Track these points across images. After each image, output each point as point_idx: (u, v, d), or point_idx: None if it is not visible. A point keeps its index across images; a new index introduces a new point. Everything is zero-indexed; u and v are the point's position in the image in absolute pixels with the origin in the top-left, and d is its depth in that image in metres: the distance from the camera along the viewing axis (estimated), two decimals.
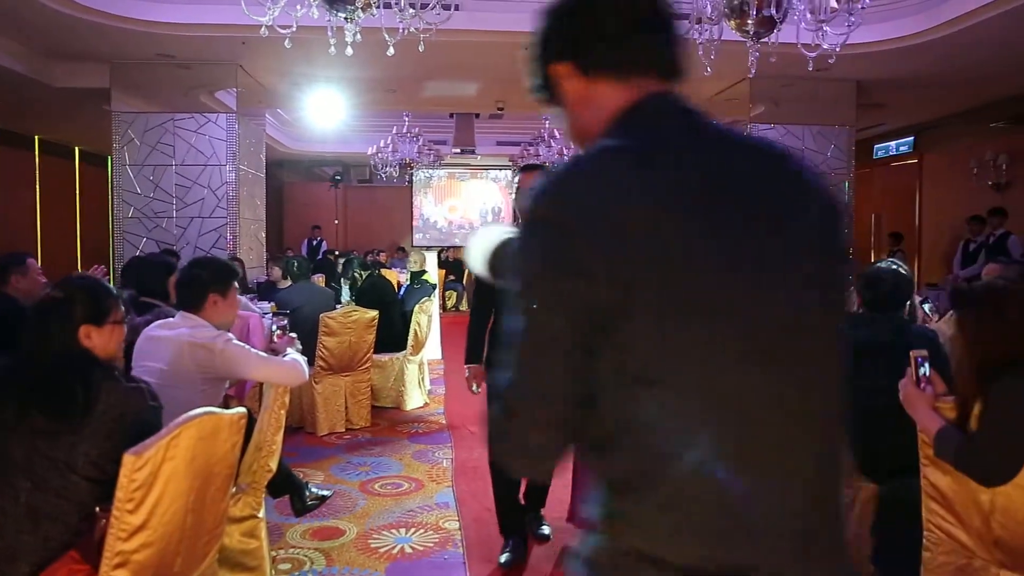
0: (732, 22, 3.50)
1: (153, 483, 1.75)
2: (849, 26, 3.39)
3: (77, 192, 11.16)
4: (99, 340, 2.02)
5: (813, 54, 3.59)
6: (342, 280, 7.10)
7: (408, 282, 7.16)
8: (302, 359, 2.81)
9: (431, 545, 3.24)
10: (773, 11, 3.32)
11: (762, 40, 3.47)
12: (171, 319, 2.77)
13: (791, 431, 0.89)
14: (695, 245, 0.85)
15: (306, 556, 3.12)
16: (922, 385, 2.22)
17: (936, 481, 2.20)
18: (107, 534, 1.73)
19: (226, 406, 2.51)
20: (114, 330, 2.07)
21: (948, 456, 2.05)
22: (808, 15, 3.44)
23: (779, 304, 0.89)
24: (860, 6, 3.31)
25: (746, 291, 0.87)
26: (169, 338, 2.60)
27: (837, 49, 3.56)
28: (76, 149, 11.16)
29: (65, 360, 1.95)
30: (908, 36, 6.42)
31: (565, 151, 11.88)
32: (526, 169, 2.94)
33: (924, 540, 2.26)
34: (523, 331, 0.88)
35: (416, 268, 7.10)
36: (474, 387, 3.11)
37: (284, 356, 2.79)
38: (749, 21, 3.40)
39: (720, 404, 0.86)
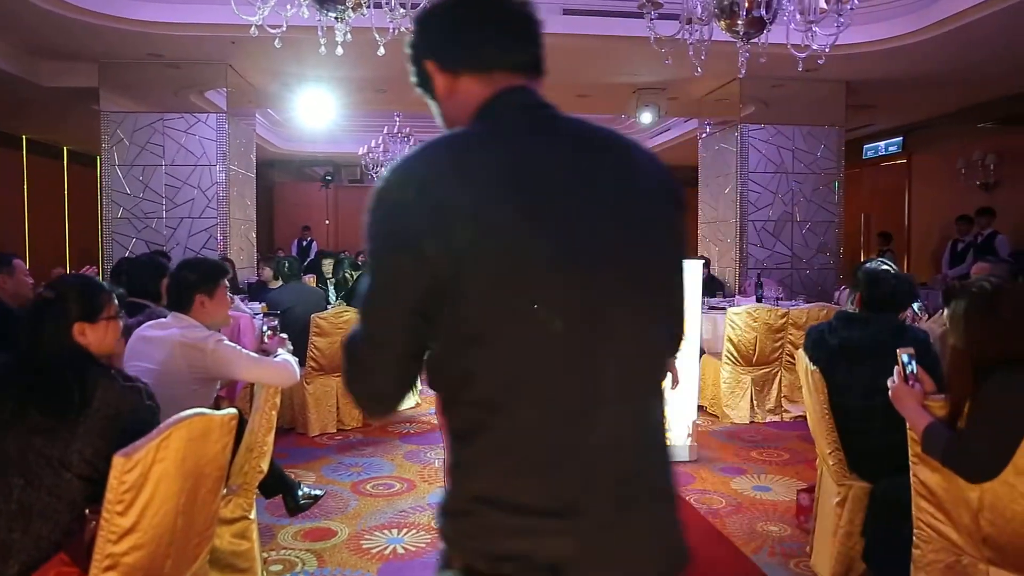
0: (722, 23, 3.52)
1: (143, 485, 1.74)
2: (838, 27, 3.41)
3: (65, 192, 11.09)
4: (94, 337, 2.03)
5: (803, 55, 3.60)
6: (328, 281, 7.09)
7: None
8: (293, 360, 2.80)
9: (423, 545, 3.23)
10: (763, 12, 3.33)
11: (752, 41, 3.49)
12: (163, 319, 2.77)
13: (606, 389, 1.01)
14: (515, 225, 0.96)
15: (298, 557, 3.11)
16: (910, 382, 2.24)
17: (926, 479, 2.21)
18: (96, 536, 1.72)
19: (217, 407, 2.51)
20: (109, 326, 2.08)
21: (935, 452, 2.07)
22: (797, 16, 3.46)
23: (594, 277, 1.00)
24: (849, 7, 3.33)
25: (561, 263, 0.98)
26: (161, 338, 2.60)
27: (826, 50, 3.58)
28: (64, 149, 11.09)
29: (61, 358, 1.95)
30: (897, 37, 6.46)
31: None
32: None
33: (914, 538, 2.27)
34: (368, 293, 1.02)
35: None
36: None
37: (275, 357, 2.78)
38: (739, 22, 3.41)
39: (541, 362, 0.98)
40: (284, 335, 3.00)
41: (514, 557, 0.97)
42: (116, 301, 2.14)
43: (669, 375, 2.57)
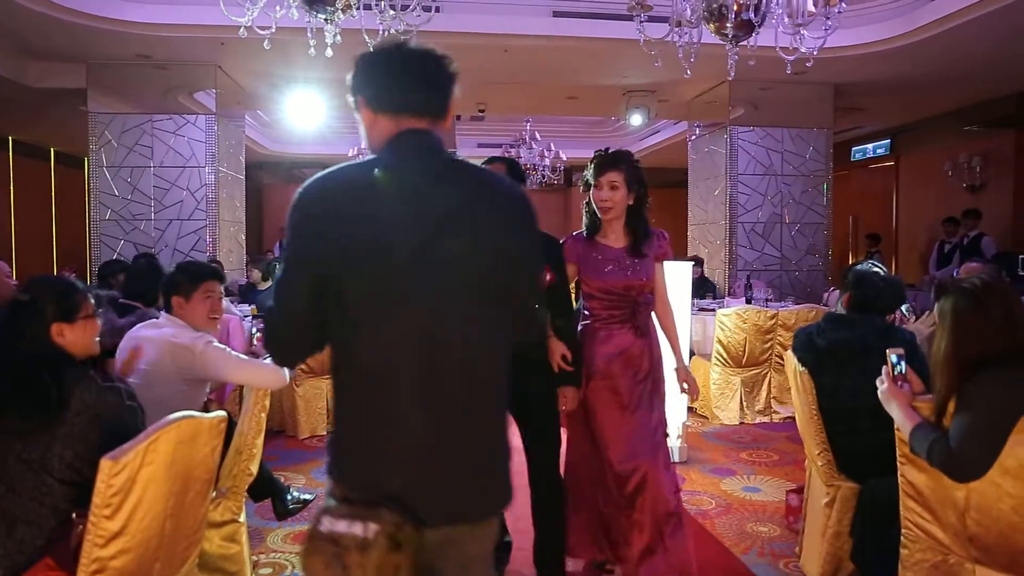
0: (711, 26, 3.53)
1: (131, 488, 1.73)
2: (826, 30, 3.43)
3: (52, 194, 11.01)
4: (72, 336, 2.02)
5: (791, 58, 3.62)
6: None
7: None
8: None
9: None
10: (752, 15, 3.35)
11: (741, 44, 3.50)
12: (156, 320, 2.77)
13: (434, 379, 1.34)
14: (372, 226, 1.31)
15: (287, 560, 3.10)
16: (899, 383, 2.25)
17: (913, 479, 2.23)
18: (84, 540, 1.71)
19: (206, 410, 2.50)
20: (87, 325, 2.07)
21: (922, 452, 2.08)
22: (786, 19, 3.48)
23: (426, 264, 1.32)
24: (836, 10, 3.35)
25: (400, 256, 1.31)
26: (152, 338, 2.60)
27: (814, 53, 3.59)
28: (52, 150, 11.01)
29: (38, 359, 1.93)
30: (884, 40, 6.52)
31: (546, 153, 11.92)
32: (490, 162, 2.73)
33: (902, 538, 2.29)
34: (280, 278, 1.38)
35: None
36: None
37: (264, 359, 2.77)
38: (728, 25, 3.43)
39: (380, 336, 1.34)
40: None
41: (372, 488, 1.34)
42: (92, 300, 2.12)
43: (687, 384, 2.91)
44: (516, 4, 6.48)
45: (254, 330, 3.00)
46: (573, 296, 3.03)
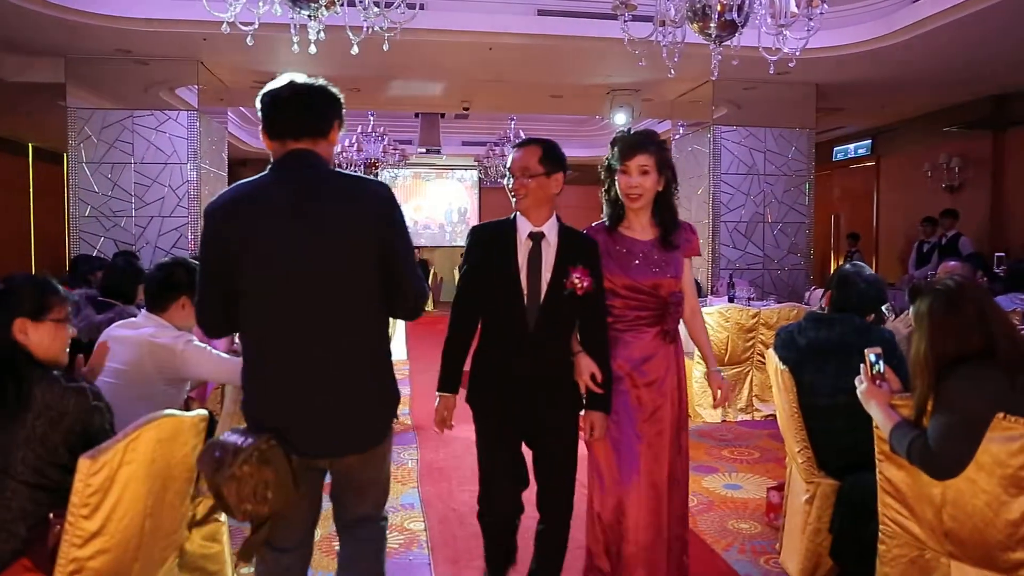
0: (695, 25, 3.55)
1: (110, 487, 1.72)
2: (808, 31, 3.46)
3: (31, 190, 10.87)
4: (36, 337, 1.94)
5: (774, 58, 3.65)
6: None
7: None
8: None
9: (396, 546, 3.23)
10: (735, 15, 3.37)
11: (724, 43, 3.52)
12: (134, 319, 2.73)
13: (311, 336, 1.81)
14: (255, 236, 1.79)
15: None
16: (877, 382, 2.28)
17: (891, 476, 2.26)
18: (61, 540, 1.69)
19: (187, 408, 2.49)
20: (55, 329, 1.98)
21: (902, 451, 2.11)
22: (769, 19, 3.51)
23: (304, 268, 1.79)
24: (819, 11, 3.38)
25: (278, 253, 1.80)
26: (131, 338, 2.57)
27: (797, 53, 3.63)
28: (30, 146, 10.88)
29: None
30: (864, 42, 6.59)
31: None
32: (525, 144, 2.37)
33: (880, 533, 2.32)
34: (199, 265, 1.90)
35: None
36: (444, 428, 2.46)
37: None
38: (711, 25, 3.45)
39: (267, 320, 1.84)
40: None
41: (259, 422, 1.83)
42: (68, 307, 2.04)
43: (719, 392, 2.66)
44: (501, 2, 6.48)
45: None
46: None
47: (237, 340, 2.93)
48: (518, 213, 2.39)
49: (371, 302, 1.86)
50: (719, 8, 3.39)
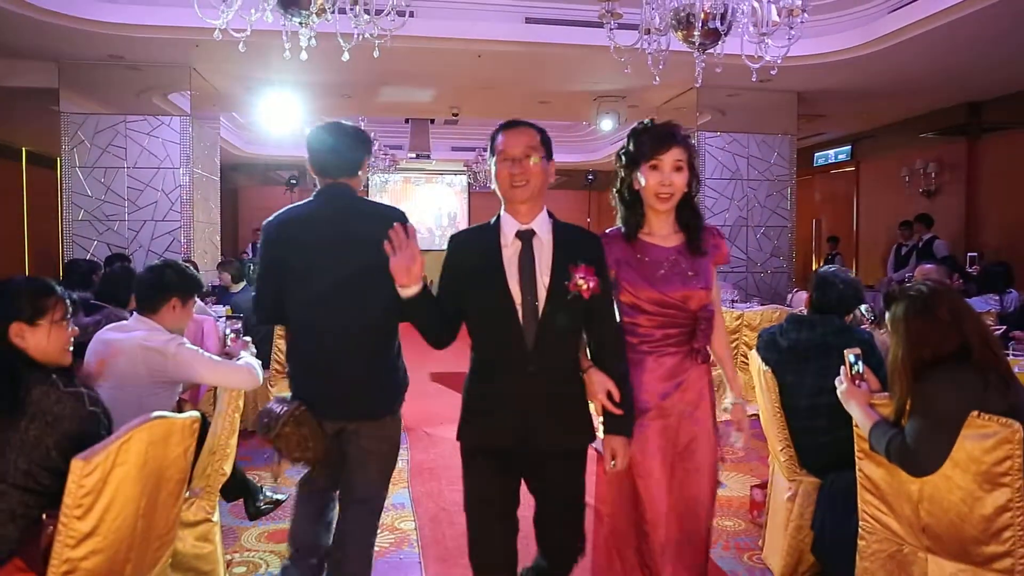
0: (679, 33, 3.60)
1: (103, 489, 1.73)
2: (789, 39, 3.53)
3: (24, 194, 10.85)
4: (33, 340, 1.94)
5: (756, 65, 3.72)
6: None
7: None
8: (256, 363, 2.81)
9: (387, 545, 3.26)
10: (718, 24, 3.43)
11: (708, 51, 3.58)
12: (125, 322, 2.75)
13: (339, 328, 2.30)
14: (302, 248, 2.30)
15: (261, 559, 3.12)
16: (856, 382, 2.33)
17: (870, 473, 2.31)
18: (54, 541, 1.70)
19: (180, 410, 2.51)
20: (52, 330, 1.97)
21: (880, 449, 2.16)
22: (751, 28, 3.57)
23: (336, 274, 2.28)
24: (799, 20, 3.44)
25: (318, 270, 2.29)
26: (122, 341, 2.59)
27: (779, 61, 3.69)
28: (23, 150, 10.86)
29: None
30: (845, 50, 6.70)
31: None
32: (511, 125, 2.03)
33: (859, 529, 2.37)
34: (259, 267, 2.40)
35: None
36: None
37: (238, 360, 2.79)
38: (695, 33, 3.51)
39: (306, 313, 2.33)
40: (248, 338, 3.01)
41: (297, 395, 2.35)
42: (68, 307, 2.04)
43: (739, 428, 2.39)
44: (490, 10, 6.53)
45: (228, 331, 3.01)
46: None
47: (229, 343, 2.98)
48: (503, 212, 2.02)
49: (386, 303, 2.10)
50: (702, 17, 3.44)
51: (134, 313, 2.75)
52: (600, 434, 2.03)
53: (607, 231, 2.25)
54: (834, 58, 6.84)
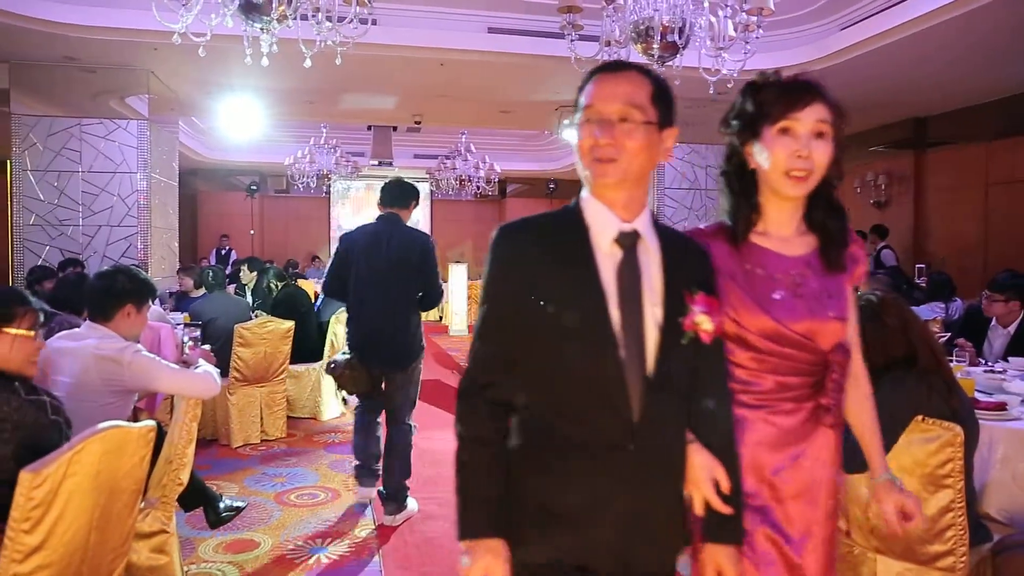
0: (638, 46, 3.68)
1: (53, 501, 1.69)
2: (745, 53, 3.63)
3: None
4: None
5: (713, 78, 3.81)
6: (245, 288, 6.98)
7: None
8: (214, 370, 2.78)
9: (347, 553, 3.25)
10: (676, 37, 3.51)
11: (666, 64, 3.66)
12: (76, 330, 2.69)
13: (381, 305, 3.56)
14: (362, 255, 3.59)
15: (219, 570, 3.08)
16: None
17: None
18: (0, 556, 1.66)
19: (135, 419, 2.47)
20: (16, 340, 1.97)
21: None
22: (708, 42, 3.66)
23: (382, 270, 3.53)
24: (755, 36, 3.54)
25: (369, 268, 3.56)
26: (74, 350, 2.53)
27: (735, 74, 3.79)
28: None
29: None
30: (797, 65, 6.91)
31: (481, 164, 12.05)
32: (617, 69, 1.33)
33: None
34: (332, 260, 3.79)
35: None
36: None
37: (195, 368, 2.76)
38: (654, 46, 3.58)
39: (361, 293, 3.59)
40: (206, 346, 2.98)
41: (352, 351, 3.62)
42: (38, 319, 2.01)
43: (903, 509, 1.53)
44: (452, 19, 6.56)
45: (186, 338, 2.98)
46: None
47: (187, 351, 2.94)
48: (588, 198, 1.34)
49: (412, 294, 3.61)
50: (661, 30, 3.52)
51: (86, 320, 2.69)
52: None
53: (702, 227, 1.57)
54: (788, 72, 6.98)
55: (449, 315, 11.94)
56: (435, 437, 5.20)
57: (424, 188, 15.57)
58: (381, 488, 3.65)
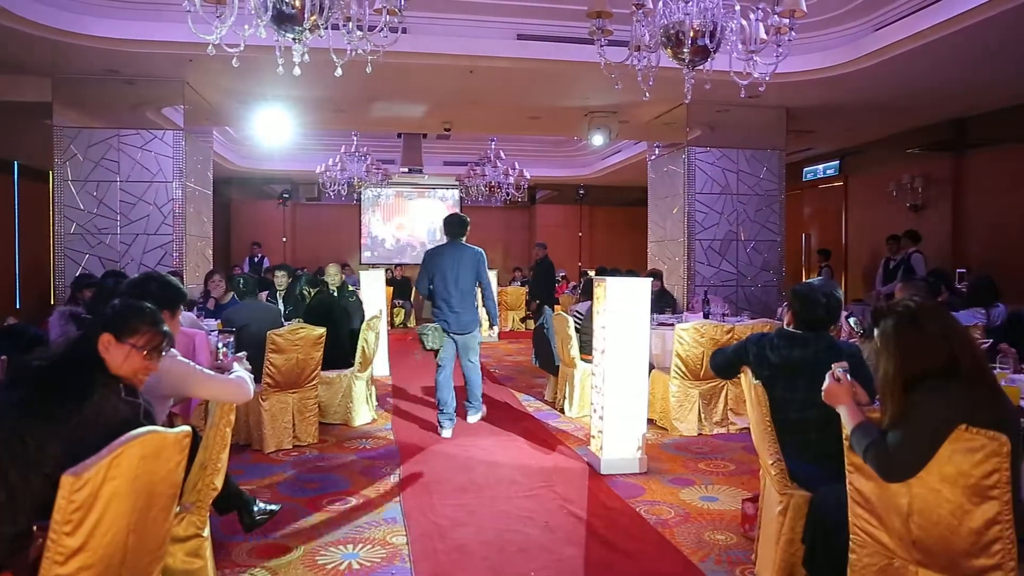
0: (669, 50, 3.64)
1: (93, 504, 1.72)
2: (777, 56, 3.58)
3: (15, 207, 10.81)
4: (115, 353, 2.09)
5: (745, 82, 3.76)
6: (278, 294, 7.04)
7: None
8: (248, 376, 2.80)
9: (378, 560, 3.25)
10: (707, 41, 3.47)
11: (697, 68, 3.62)
12: None
13: (454, 294, 5.57)
14: (440, 264, 5.61)
15: (252, 574, 3.10)
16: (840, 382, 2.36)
17: (861, 487, 2.31)
18: (43, 557, 1.69)
19: (171, 424, 2.50)
20: (131, 353, 2.12)
21: (859, 449, 2.18)
22: (740, 45, 3.61)
23: (453, 275, 5.57)
24: (787, 38, 3.49)
25: (445, 272, 5.58)
26: None
27: (767, 78, 3.74)
28: (15, 163, 10.83)
29: (75, 358, 2.04)
30: (832, 67, 6.81)
31: (510, 171, 12.06)
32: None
33: (850, 543, 2.37)
34: (421, 268, 5.79)
35: (336, 283, 7.04)
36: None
37: (230, 373, 2.79)
38: (685, 50, 3.55)
39: (442, 286, 5.59)
40: (242, 353, 3.01)
41: (438, 319, 5.66)
42: (162, 342, 2.18)
43: None
44: (482, 27, 6.59)
45: (220, 344, 3.01)
46: None
47: (221, 356, 2.98)
48: None
49: (474, 291, 5.60)
50: (692, 34, 3.49)
51: None
52: None
53: None
54: (821, 75, 6.94)
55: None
56: (465, 444, 5.20)
57: (454, 195, 15.64)
58: (467, 401, 5.87)
